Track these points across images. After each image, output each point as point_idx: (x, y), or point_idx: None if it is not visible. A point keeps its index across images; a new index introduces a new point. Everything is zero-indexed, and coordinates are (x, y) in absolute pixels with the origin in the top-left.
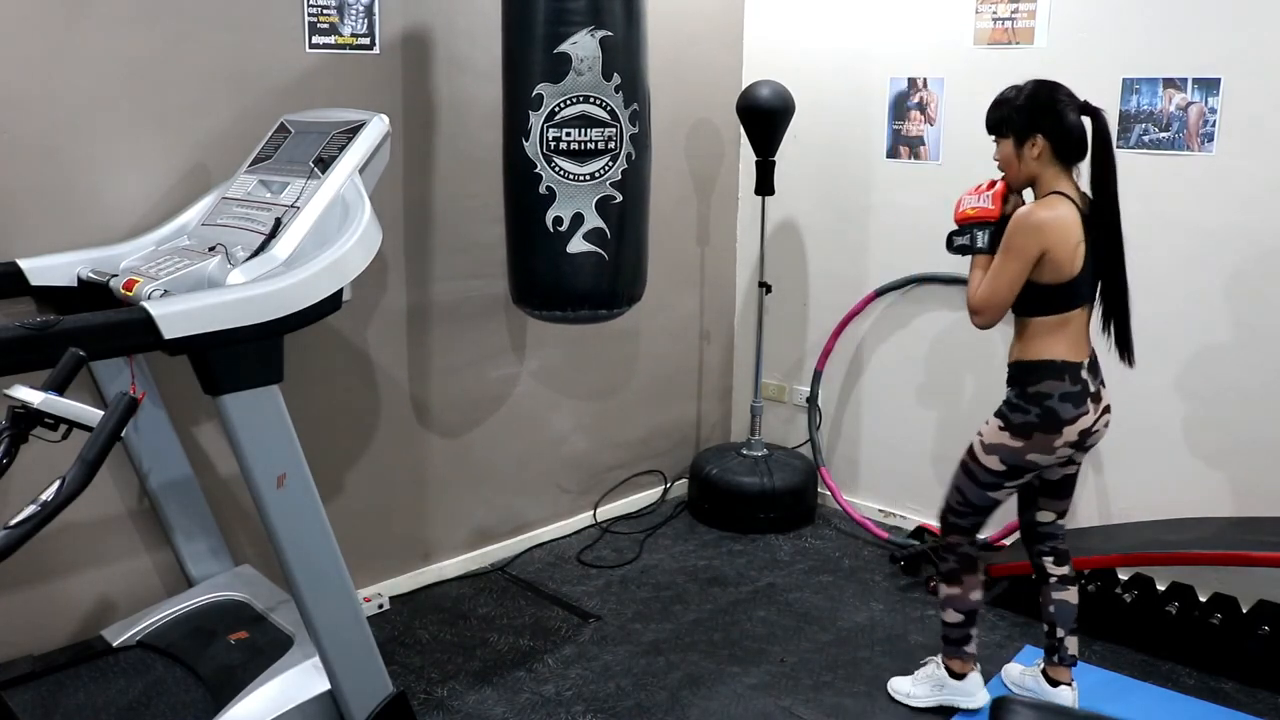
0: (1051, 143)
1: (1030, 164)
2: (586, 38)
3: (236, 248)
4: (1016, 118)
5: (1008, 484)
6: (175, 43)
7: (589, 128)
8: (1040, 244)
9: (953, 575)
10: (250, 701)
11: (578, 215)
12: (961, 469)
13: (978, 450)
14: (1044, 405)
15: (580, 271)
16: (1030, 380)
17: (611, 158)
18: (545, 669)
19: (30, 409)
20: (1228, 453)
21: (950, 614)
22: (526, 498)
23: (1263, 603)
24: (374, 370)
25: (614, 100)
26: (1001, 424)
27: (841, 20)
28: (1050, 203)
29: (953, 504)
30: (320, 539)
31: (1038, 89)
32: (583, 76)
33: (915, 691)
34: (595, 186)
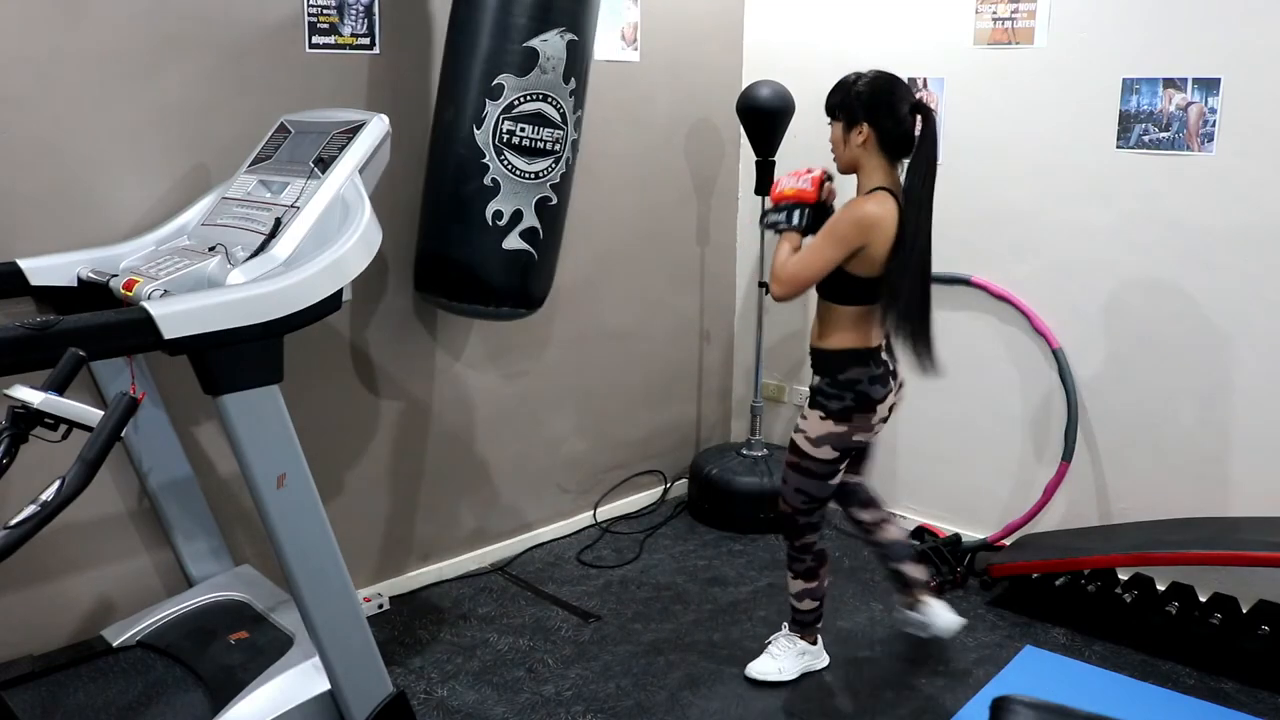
0: (877, 133)
1: (855, 150)
2: (557, 38)
3: (236, 248)
4: (850, 103)
5: (839, 467)
6: (175, 43)
7: (542, 126)
8: (864, 238)
9: (811, 573)
10: (250, 701)
11: (518, 212)
12: (795, 471)
13: (806, 447)
14: (855, 390)
15: (511, 269)
16: (839, 369)
17: (555, 160)
18: (545, 669)
19: (30, 409)
20: (1228, 453)
21: (807, 603)
22: (526, 498)
23: (1263, 603)
24: (374, 370)
25: (566, 103)
26: (822, 414)
27: (841, 20)
28: (880, 199)
29: (798, 505)
30: (320, 539)
31: (876, 79)
32: (546, 75)
33: (784, 666)
34: (537, 186)
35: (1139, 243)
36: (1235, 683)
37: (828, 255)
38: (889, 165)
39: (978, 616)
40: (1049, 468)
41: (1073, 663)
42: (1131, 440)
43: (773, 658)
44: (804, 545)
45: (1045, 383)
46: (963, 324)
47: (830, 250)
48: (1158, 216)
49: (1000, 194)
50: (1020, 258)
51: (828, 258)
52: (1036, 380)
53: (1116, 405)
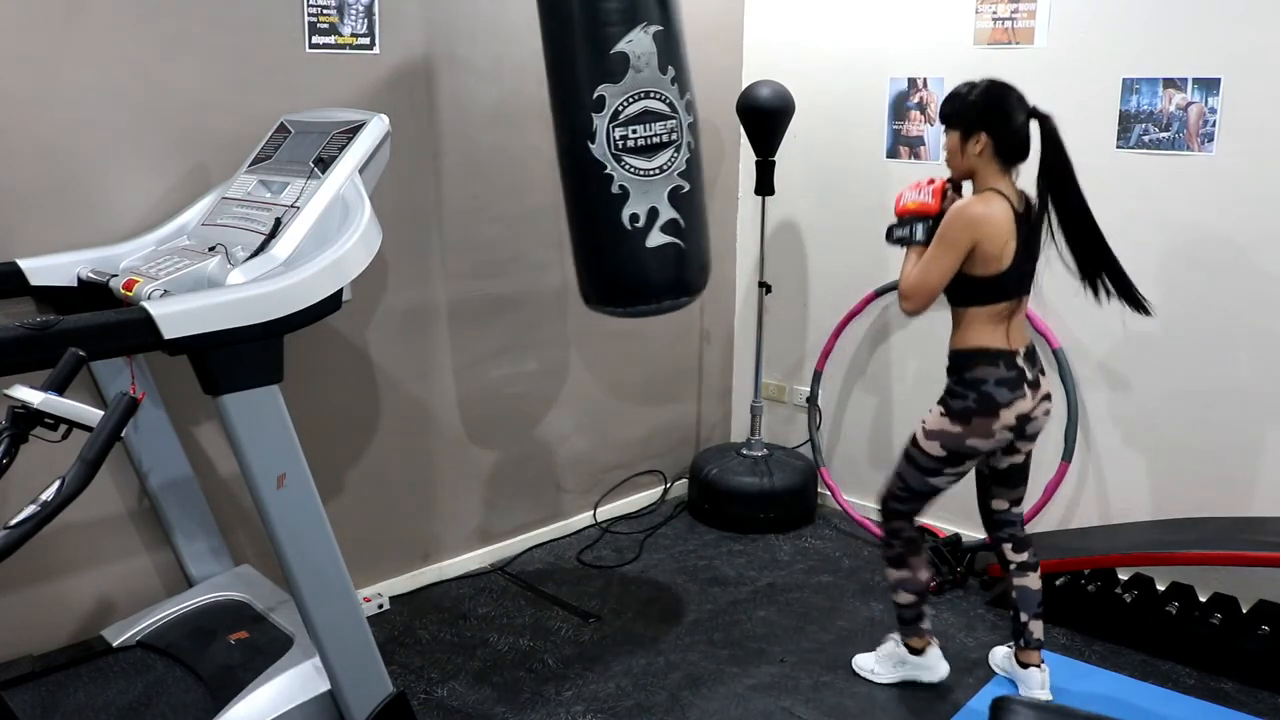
0: (994, 141)
1: (971, 159)
2: (641, 34)
3: (236, 248)
4: (966, 113)
5: (948, 470)
6: (175, 42)
7: (653, 122)
8: (972, 236)
9: (900, 560)
10: (250, 701)
11: (653, 210)
12: (904, 457)
13: (920, 437)
14: (980, 390)
15: (663, 264)
16: (965, 367)
17: (675, 149)
18: (545, 669)
19: (30, 409)
20: (1228, 453)
21: (902, 595)
22: (526, 498)
23: (1263, 603)
24: (374, 370)
25: (671, 92)
26: (943, 410)
27: (841, 20)
28: (986, 199)
29: (894, 490)
30: (320, 539)
31: (990, 88)
32: (641, 73)
33: (879, 669)
34: (665, 179)
35: (1139, 243)
36: (1235, 683)
37: (944, 261)
38: (1003, 171)
39: (978, 616)
40: (1049, 468)
41: (1073, 663)
42: (1131, 440)
43: (877, 657)
44: (893, 530)
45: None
46: None
47: (945, 255)
48: (1158, 216)
49: None
50: None
51: (945, 263)
52: None
53: (1116, 405)
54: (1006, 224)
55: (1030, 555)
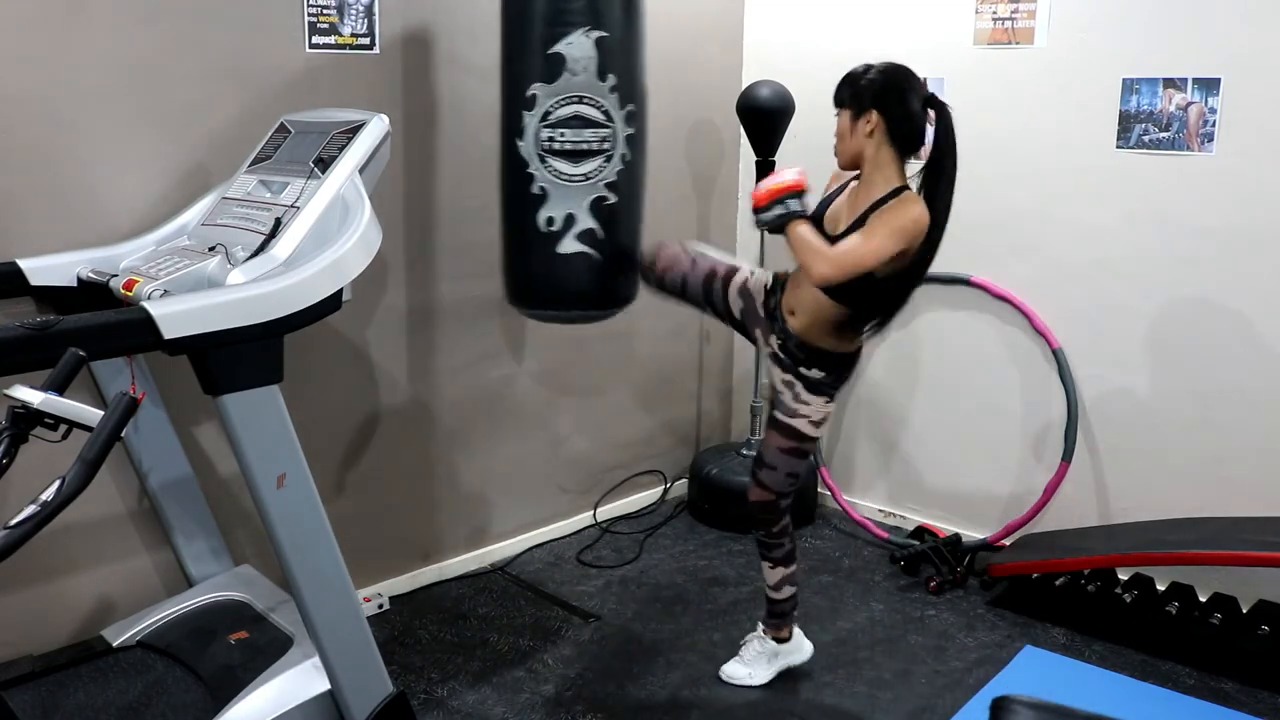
0: (886, 122)
1: (861, 140)
2: (582, 38)
3: (236, 248)
4: (860, 91)
5: None
6: (175, 43)
7: (583, 128)
8: (913, 243)
9: (790, 556)
10: (250, 701)
11: (570, 216)
12: (792, 455)
13: (809, 430)
14: (850, 379)
15: (572, 272)
16: (847, 368)
17: (606, 158)
18: (545, 669)
19: (30, 409)
20: (1228, 453)
21: (785, 590)
22: (526, 498)
23: (1263, 603)
24: (374, 370)
25: (608, 100)
26: (826, 399)
27: (841, 20)
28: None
29: (784, 489)
30: (320, 539)
31: (889, 67)
32: (577, 77)
33: (755, 671)
34: (589, 187)
35: (1139, 243)
36: (1235, 683)
37: (888, 248)
38: (898, 160)
39: (978, 616)
40: (1049, 468)
41: (1073, 663)
42: (1131, 440)
43: (743, 663)
44: (783, 529)
45: (1045, 383)
46: (963, 324)
47: (891, 244)
48: (1158, 216)
49: (1000, 194)
50: (1020, 258)
51: (887, 250)
52: (1036, 380)
53: (1116, 405)
54: None
55: None
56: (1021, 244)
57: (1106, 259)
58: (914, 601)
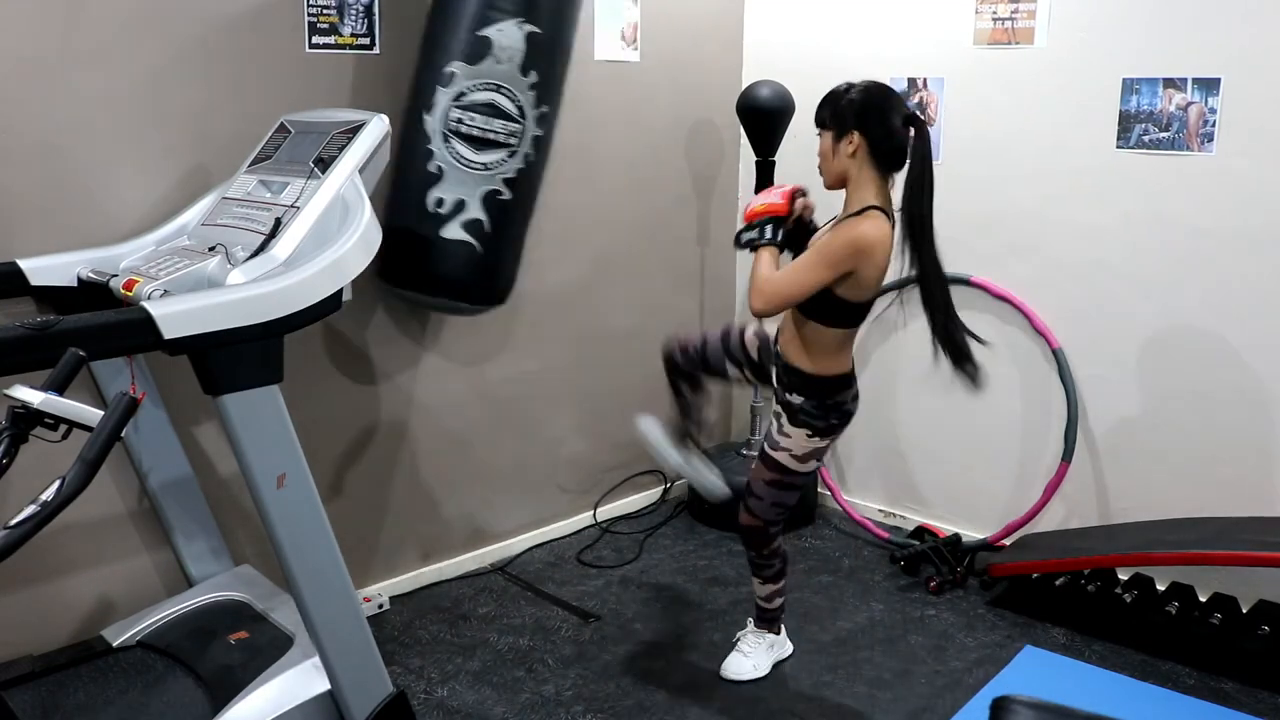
0: (868, 142)
1: (844, 161)
2: (513, 27)
3: (236, 248)
4: (841, 111)
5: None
6: (175, 43)
7: (493, 117)
8: (856, 262)
9: (779, 574)
10: (250, 701)
11: (460, 202)
12: (776, 487)
13: (791, 464)
14: (841, 411)
15: (449, 258)
16: (828, 395)
17: (509, 153)
18: (545, 669)
19: (30, 409)
20: (1227, 453)
21: (775, 601)
22: (526, 498)
23: (1263, 603)
24: (374, 370)
25: (524, 96)
26: (809, 432)
27: (841, 20)
28: (875, 220)
29: (773, 518)
30: (320, 539)
31: (869, 88)
32: (500, 65)
33: (759, 664)
34: (486, 178)
35: (1139, 243)
36: (1235, 683)
37: (818, 275)
38: (880, 179)
39: (978, 616)
40: (1049, 468)
41: (1073, 663)
42: (1131, 440)
43: (745, 656)
44: (773, 551)
45: (1045, 383)
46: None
47: (821, 271)
48: (1158, 216)
49: (1000, 194)
50: (1020, 258)
51: (818, 278)
52: (1036, 380)
53: (1116, 405)
54: (890, 250)
55: None
56: (1021, 244)
57: (1106, 259)
58: (914, 601)
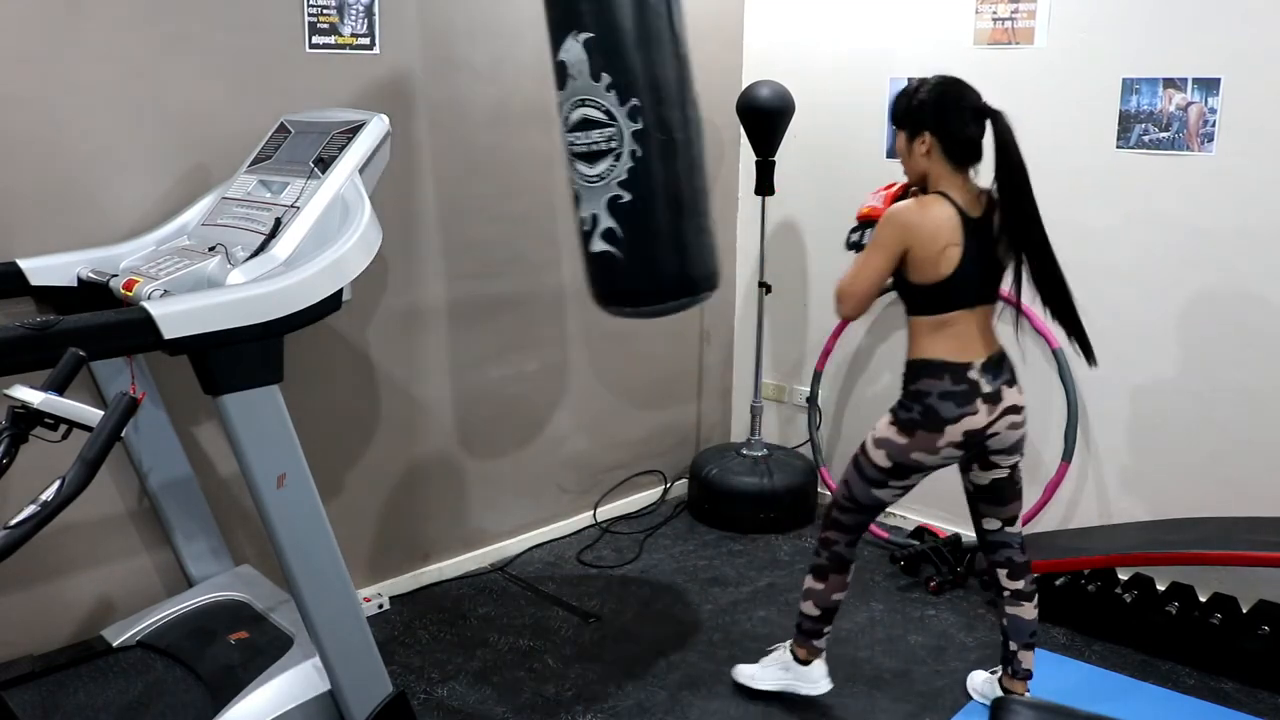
0: (940, 141)
1: (919, 160)
2: (572, 43)
3: (236, 248)
4: (913, 112)
5: (893, 483)
6: (175, 43)
7: (591, 129)
8: (902, 241)
9: (820, 570)
10: (250, 701)
11: (594, 216)
12: (852, 463)
13: (869, 445)
14: (924, 403)
15: (602, 271)
16: (912, 379)
17: (615, 158)
18: (545, 669)
19: (30, 409)
20: (1227, 453)
21: (809, 606)
22: (526, 498)
23: (1263, 603)
24: (374, 370)
25: (607, 99)
26: (891, 419)
27: (841, 20)
28: (924, 202)
29: (839, 498)
30: (320, 539)
31: (939, 84)
32: (577, 81)
33: (761, 675)
34: (604, 188)
35: (1139, 243)
36: (1235, 683)
37: (873, 263)
38: (956, 173)
39: (978, 616)
40: (1049, 468)
41: (1073, 663)
42: (1131, 440)
43: (762, 664)
44: (826, 539)
45: (1045, 383)
46: None
47: (874, 257)
48: (1158, 216)
49: None
50: None
51: (874, 266)
52: (1036, 380)
53: (1116, 405)
54: (945, 228)
55: (1027, 584)
56: None
57: (1106, 259)
58: (914, 601)
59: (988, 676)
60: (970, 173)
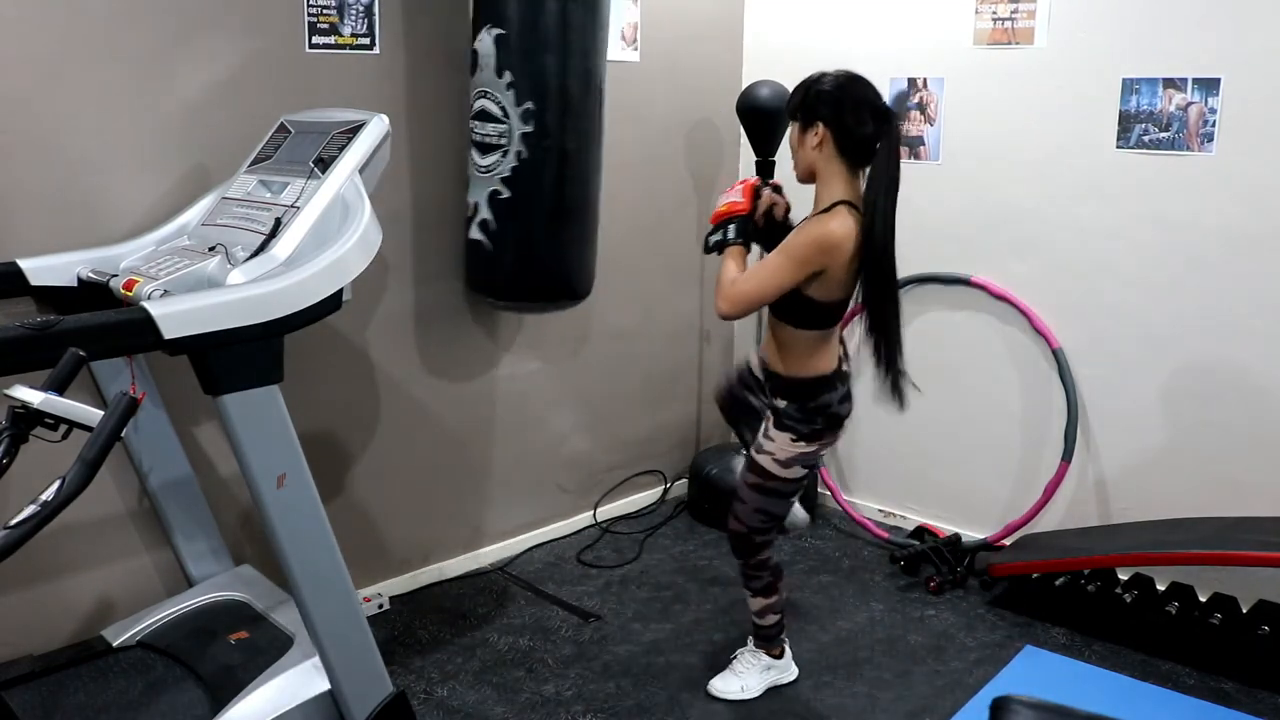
0: (834, 135)
1: (810, 153)
2: (485, 35)
3: (236, 248)
4: (809, 102)
5: (804, 481)
6: (175, 43)
7: (486, 122)
8: (823, 260)
9: (769, 588)
10: (250, 701)
11: (475, 205)
12: (759, 492)
13: (774, 469)
14: (827, 414)
15: (473, 258)
16: (809, 396)
17: (502, 154)
18: (545, 669)
19: (30, 409)
20: (1228, 453)
21: (769, 618)
22: (526, 498)
23: (1263, 603)
24: (374, 370)
25: (504, 97)
26: (793, 437)
27: (841, 20)
28: (842, 217)
29: (756, 525)
30: (320, 539)
31: (840, 77)
32: (484, 73)
33: (747, 684)
34: (488, 180)
35: (1139, 243)
36: (1235, 683)
37: (784, 276)
38: (849, 174)
39: (978, 616)
40: (1049, 468)
41: (1073, 663)
42: (1131, 440)
43: (736, 675)
44: (760, 562)
45: (1045, 383)
46: (963, 324)
47: (787, 271)
48: (1158, 216)
49: (1000, 194)
50: (1020, 258)
51: (784, 278)
52: (1036, 380)
53: (1116, 405)
54: (855, 246)
55: None
56: (1021, 244)
57: (1106, 259)
58: (914, 601)
59: None
60: (860, 175)
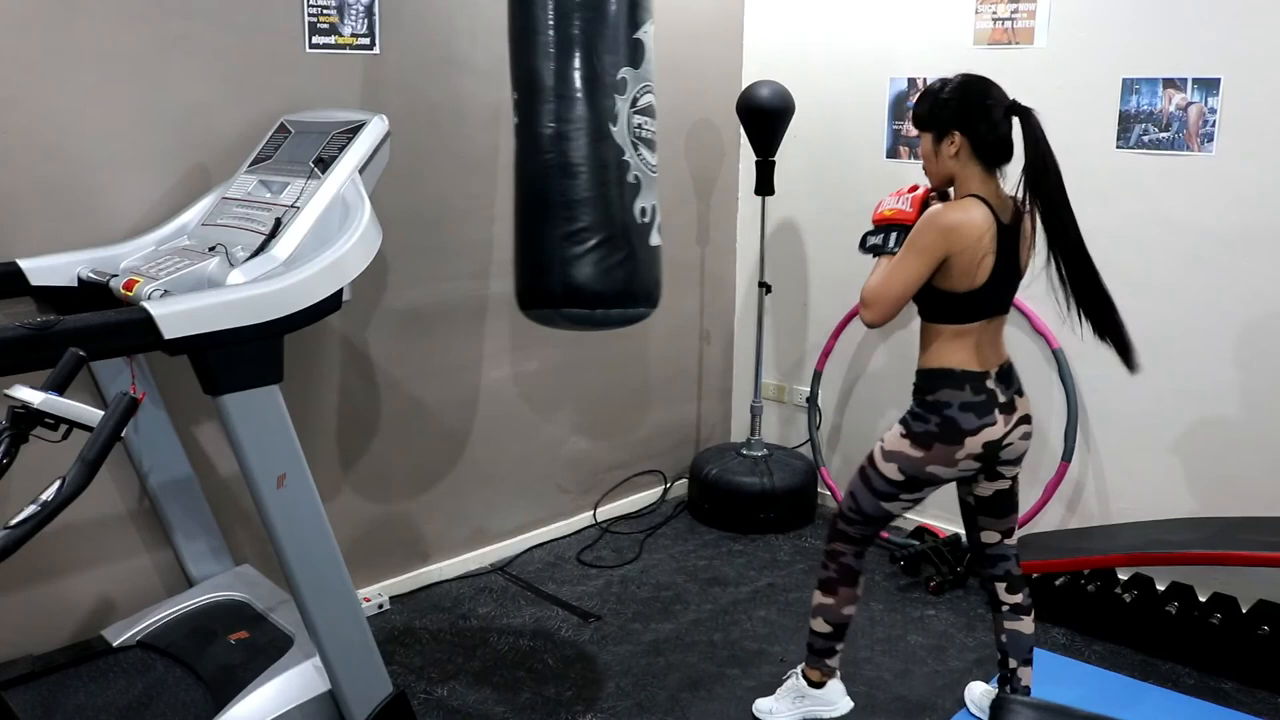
0: (970, 141)
1: (947, 162)
2: (650, 28)
3: (236, 248)
4: (939, 111)
5: (904, 496)
6: (175, 43)
7: (653, 117)
8: (945, 247)
9: (829, 584)
10: (250, 701)
11: (654, 208)
12: (859, 474)
13: (877, 457)
14: (943, 415)
15: (658, 264)
16: (930, 389)
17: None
18: (545, 669)
19: (30, 409)
20: (1228, 453)
21: (819, 623)
22: (526, 498)
23: (1263, 603)
24: (374, 370)
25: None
26: (903, 431)
27: (841, 20)
28: (964, 205)
29: (845, 510)
30: (320, 539)
31: (965, 83)
32: (651, 66)
33: (777, 707)
34: (658, 178)
35: (1139, 243)
36: (1235, 683)
37: (910, 269)
38: (985, 173)
39: (978, 616)
40: (1049, 468)
41: (1073, 663)
42: (1131, 440)
43: (775, 697)
44: (832, 552)
45: (1045, 383)
46: None
47: (911, 263)
48: (1158, 216)
49: None
50: None
51: (911, 272)
52: (1036, 380)
53: (1116, 405)
54: (986, 234)
55: (1025, 597)
56: None
57: (1106, 259)
58: (914, 601)
59: (986, 689)
60: (999, 175)
